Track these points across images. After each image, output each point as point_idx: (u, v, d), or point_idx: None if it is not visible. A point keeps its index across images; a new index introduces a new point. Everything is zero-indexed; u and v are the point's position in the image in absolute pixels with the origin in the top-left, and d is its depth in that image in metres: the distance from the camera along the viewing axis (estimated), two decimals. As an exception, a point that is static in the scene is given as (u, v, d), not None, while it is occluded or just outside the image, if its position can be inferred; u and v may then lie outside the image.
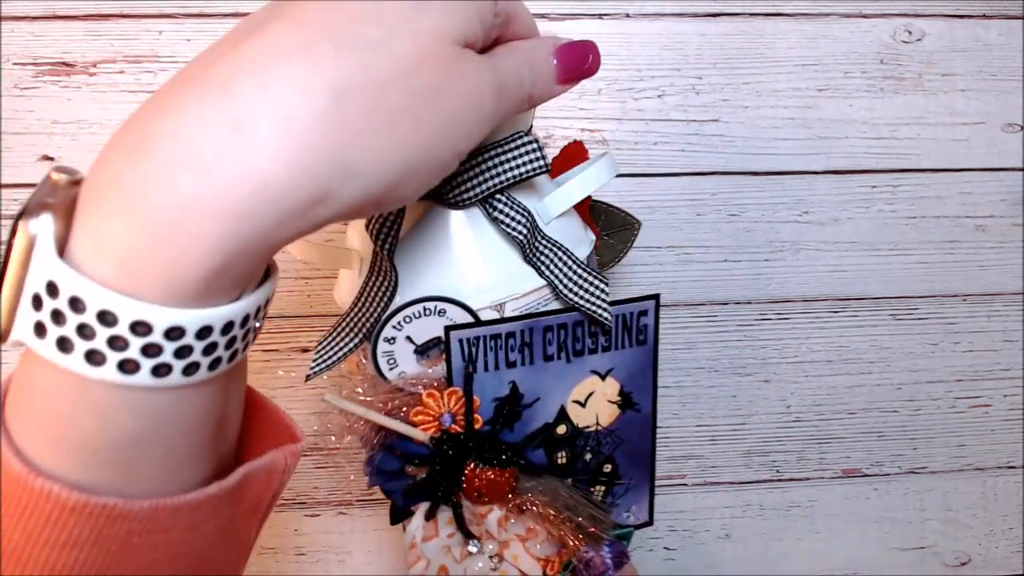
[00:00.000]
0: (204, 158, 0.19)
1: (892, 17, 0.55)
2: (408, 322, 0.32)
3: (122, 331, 0.19)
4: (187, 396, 0.22)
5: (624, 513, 0.39)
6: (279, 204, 0.20)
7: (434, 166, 0.23)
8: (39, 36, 0.50)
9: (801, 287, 0.57)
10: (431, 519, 0.34)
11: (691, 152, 0.55)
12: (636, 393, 0.37)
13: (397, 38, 0.21)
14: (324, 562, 0.58)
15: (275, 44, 0.20)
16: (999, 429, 0.61)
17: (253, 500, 0.26)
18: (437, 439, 0.33)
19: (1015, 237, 0.58)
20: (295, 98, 0.20)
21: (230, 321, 0.21)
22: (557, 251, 0.33)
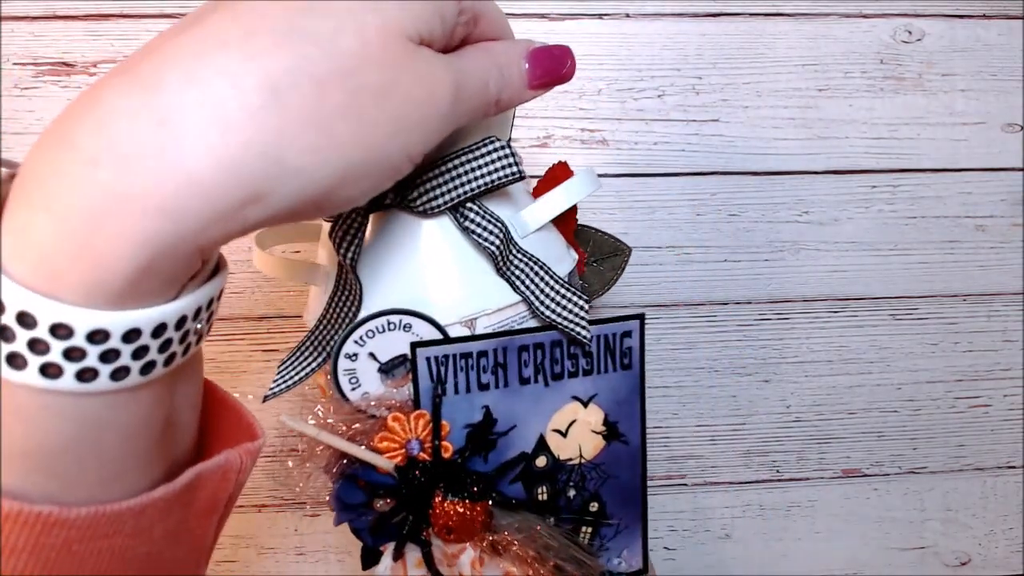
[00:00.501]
0: (125, 152, 0.18)
1: (892, 17, 0.55)
2: (371, 337, 0.30)
3: (42, 334, 0.19)
4: (120, 401, 0.21)
5: (615, 559, 0.36)
6: (207, 203, 0.19)
7: (382, 169, 0.22)
8: (39, 36, 0.50)
9: (801, 287, 0.57)
10: (399, 559, 0.31)
11: (691, 152, 0.55)
12: (622, 423, 0.34)
13: (343, 32, 0.20)
14: (324, 562, 0.58)
15: (211, 36, 0.20)
16: (999, 429, 0.61)
17: (207, 500, 0.26)
18: (402, 468, 0.30)
19: (1015, 237, 0.58)
20: (227, 92, 0.19)
21: (162, 323, 0.20)
22: (533, 265, 0.31)
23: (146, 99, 0.19)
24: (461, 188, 0.29)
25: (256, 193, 0.20)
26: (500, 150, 0.29)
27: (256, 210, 0.20)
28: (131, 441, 0.22)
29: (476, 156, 0.29)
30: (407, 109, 0.22)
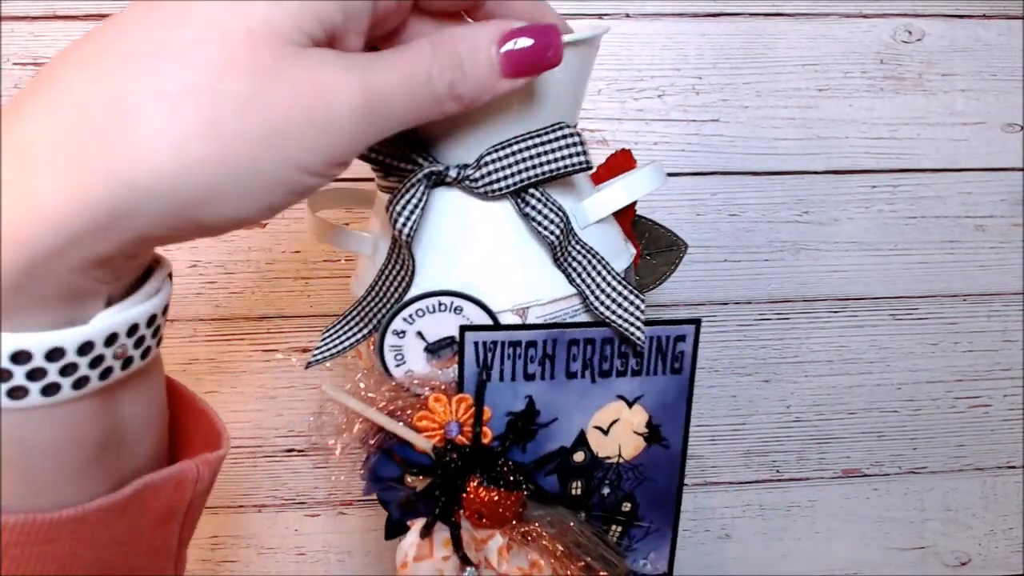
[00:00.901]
0: None
1: (892, 17, 0.55)
2: (420, 316, 0.29)
3: None
4: (33, 420, 0.21)
5: (641, 560, 0.35)
6: (63, 231, 0.19)
7: (265, 183, 0.21)
8: (39, 36, 0.50)
9: (801, 287, 0.57)
10: (426, 537, 0.31)
11: (691, 152, 0.55)
12: (666, 426, 0.33)
13: (205, 43, 0.19)
14: (324, 562, 0.58)
15: (66, 60, 0.20)
16: (999, 429, 0.61)
17: (163, 509, 0.26)
18: (440, 449, 0.30)
19: (1015, 237, 0.58)
20: (72, 116, 0.19)
21: (56, 348, 0.20)
22: (592, 258, 0.30)
23: (7, 130, 0.19)
24: (525, 173, 0.28)
25: (108, 216, 0.19)
26: (569, 137, 0.28)
27: (121, 231, 0.20)
28: (54, 457, 0.22)
29: (543, 141, 0.28)
30: (286, 120, 0.20)
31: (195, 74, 0.19)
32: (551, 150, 0.28)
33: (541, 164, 0.28)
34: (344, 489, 0.57)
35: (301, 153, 0.21)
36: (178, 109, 0.19)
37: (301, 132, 0.21)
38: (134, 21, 0.20)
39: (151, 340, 0.24)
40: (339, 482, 0.57)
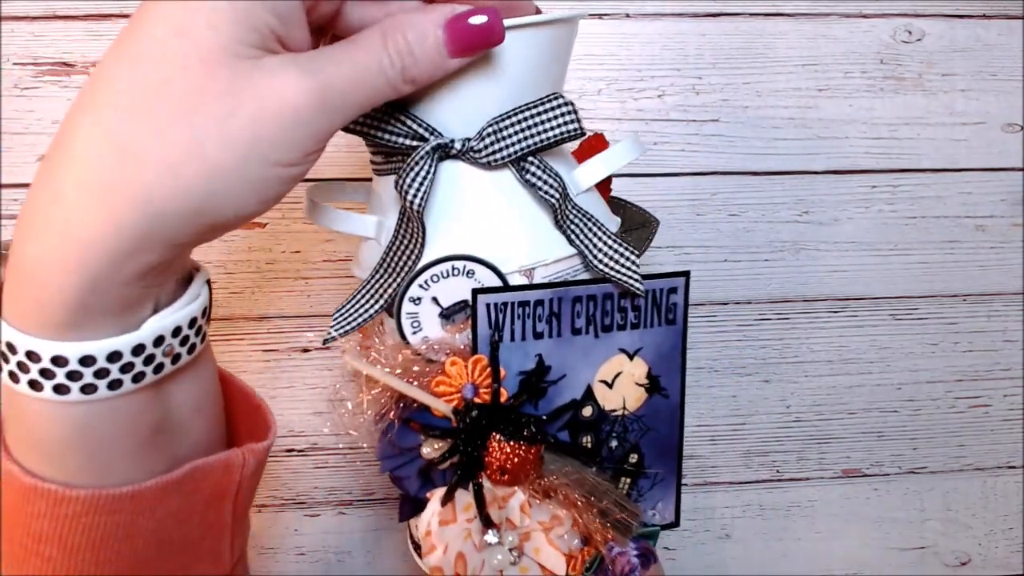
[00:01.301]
0: (37, 227, 0.24)
1: (892, 17, 0.55)
2: (435, 281, 0.31)
3: (23, 358, 0.25)
4: (98, 410, 0.26)
5: (649, 511, 0.37)
6: (109, 254, 0.23)
7: (254, 183, 0.24)
8: (39, 36, 0.50)
9: (801, 287, 0.57)
10: (447, 504, 0.32)
11: (691, 152, 0.55)
12: (664, 377, 0.35)
13: (172, 80, 0.23)
14: (324, 562, 0.58)
15: (72, 117, 0.24)
16: (999, 429, 0.61)
17: (213, 490, 0.31)
18: (460, 410, 0.31)
19: (1015, 237, 0.58)
20: (89, 165, 0.23)
21: (115, 351, 0.25)
22: (588, 220, 0.32)
23: (44, 181, 0.24)
24: (525, 142, 0.30)
25: (142, 234, 0.23)
26: (563, 106, 0.30)
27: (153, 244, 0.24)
28: (116, 442, 0.27)
29: (540, 111, 0.30)
30: (255, 128, 0.23)
31: (172, 108, 0.23)
32: (547, 119, 0.30)
33: (539, 132, 0.30)
34: (344, 489, 0.57)
35: (276, 152, 0.24)
36: (167, 140, 0.23)
37: (272, 135, 0.24)
38: (116, 64, 0.24)
39: (195, 338, 0.29)
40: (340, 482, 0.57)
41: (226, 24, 0.23)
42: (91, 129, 0.23)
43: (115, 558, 0.28)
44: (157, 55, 0.23)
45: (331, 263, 0.54)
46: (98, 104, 0.23)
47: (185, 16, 0.23)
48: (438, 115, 0.30)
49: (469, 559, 0.32)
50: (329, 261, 0.54)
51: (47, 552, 0.28)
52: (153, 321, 0.26)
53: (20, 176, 0.51)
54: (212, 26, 0.23)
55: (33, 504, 0.27)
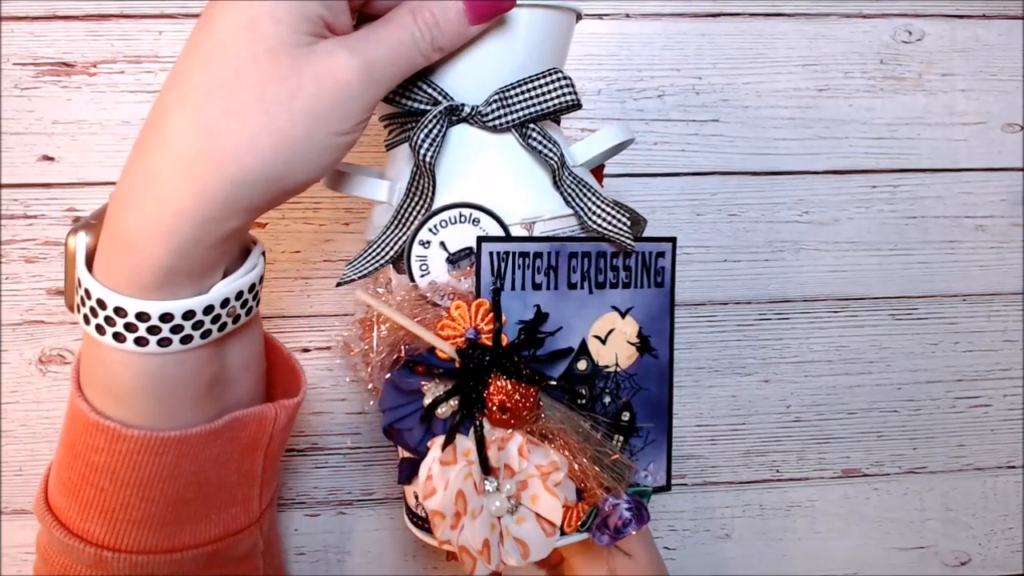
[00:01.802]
0: (137, 202, 0.28)
1: (892, 17, 0.55)
2: (444, 227, 0.33)
3: (110, 313, 0.29)
4: (169, 361, 0.31)
5: (642, 471, 0.38)
6: (197, 222, 0.28)
7: (319, 150, 0.29)
8: (39, 36, 0.50)
9: (801, 287, 0.57)
10: (448, 447, 0.33)
11: (691, 152, 0.55)
12: (654, 337, 0.37)
13: (243, 70, 0.27)
14: (324, 562, 0.58)
15: (162, 104, 0.28)
16: (999, 429, 0.61)
17: (249, 439, 0.36)
18: (463, 350, 0.33)
19: (1015, 237, 0.58)
20: (180, 145, 0.27)
21: (189, 310, 0.30)
22: (583, 185, 0.34)
23: (138, 161, 0.29)
24: (528, 109, 0.33)
25: (227, 202, 0.28)
26: (562, 79, 0.33)
27: (236, 210, 0.28)
28: (180, 389, 0.32)
29: (542, 83, 0.33)
30: (316, 104, 0.28)
31: (247, 93, 0.27)
32: (548, 90, 0.33)
33: (541, 102, 0.33)
34: (344, 489, 0.57)
35: (333, 123, 0.28)
36: (245, 120, 0.27)
37: (330, 108, 0.28)
38: (194, 59, 0.28)
39: (252, 302, 0.34)
40: (340, 482, 0.57)
41: (286, 17, 0.27)
42: (178, 116, 0.27)
43: (159, 495, 0.33)
44: (229, 49, 0.27)
45: (331, 263, 0.54)
46: (183, 95, 0.27)
47: (251, 12, 0.27)
48: (452, 83, 0.33)
49: (469, 499, 0.33)
50: (329, 261, 0.54)
51: (101, 483, 0.32)
52: (221, 285, 0.31)
53: (20, 176, 0.51)
54: (275, 20, 0.27)
55: (94, 438, 0.31)
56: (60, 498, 0.34)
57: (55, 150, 0.51)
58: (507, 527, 0.33)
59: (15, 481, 0.54)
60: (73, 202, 0.52)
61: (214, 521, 0.36)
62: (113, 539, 0.33)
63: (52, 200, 0.51)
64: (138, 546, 0.33)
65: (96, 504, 0.32)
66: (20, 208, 0.51)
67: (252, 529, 0.38)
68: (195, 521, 0.35)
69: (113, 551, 0.33)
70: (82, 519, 0.33)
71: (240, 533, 0.38)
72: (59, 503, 0.34)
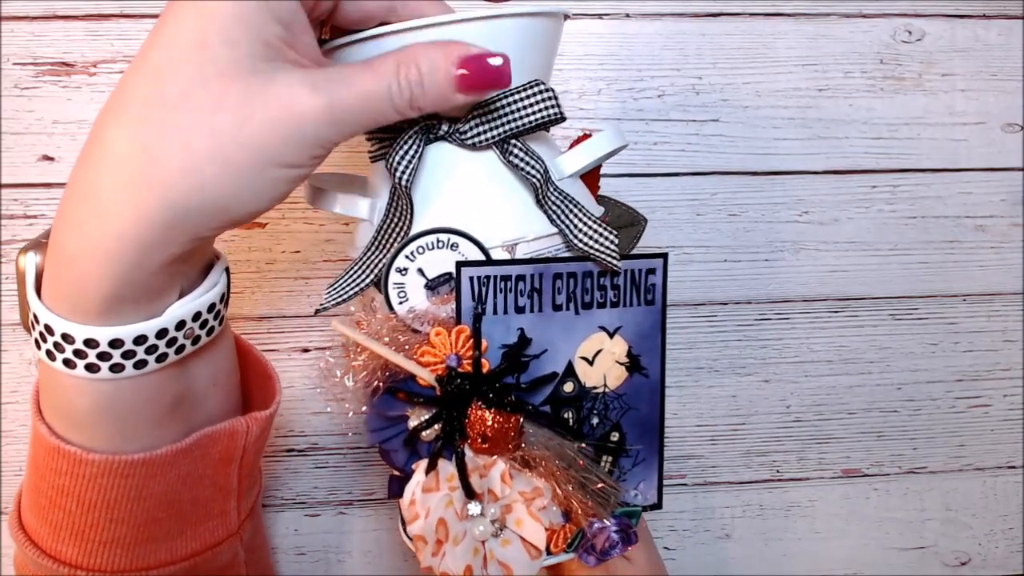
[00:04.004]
0: (77, 221, 0.27)
1: (892, 17, 0.55)
2: (421, 253, 0.32)
3: (59, 339, 0.28)
4: (124, 386, 0.29)
5: (631, 491, 0.37)
6: (138, 246, 0.26)
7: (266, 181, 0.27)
8: (39, 36, 0.50)
9: (801, 287, 0.57)
10: (431, 472, 0.33)
11: (691, 152, 0.55)
12: (644, 356, 0.36)
13: (192, 92, 0.25)
14: (324, 562, 0.58)
15: (103, 120, 0.26)
16: (999, 429, 0.61)
17: (220, 454, 0.34)
18: (443, 377, 0.32)
19: (1015, 237, 0.58)
20: (118, 165, 0.26)
21: (141, 335, 0.28)
22: (569, 202, 0.33)
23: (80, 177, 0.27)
24: (509, 124, 0.31)
25: (168, 227, 0.26)
26: (544, 92, 0.31)
27: (177, 236, 0.27)
28: (139, 412, 0.30)
29: (522, 97, 0.31)
30: (267, 137, 0.26)
31: (193, 116, 0.25)
32: (529, 104, 0.31)
33: (522, 116, 0.31)
34: (344, 489, 0.57)
35: (284, 156, 0.27)
36: (190, 145, 0.25)
37: (282, 140, 0.26)
38: (140, 74, 0.26)
39: (213, 321, 0.32)
40: (340, 482, 0.57)
41: (241, 38, 0.25)
42: (120, 134, 0.26)
43: (127, 516, 0.32)
44: (179, 68, 0.25)
45: (331, 263, 0.54)
46: (126, 112, 0.26)
47: (204, 31, 0.25)
48: None
49: (451, 526, 0.32)
50: (329, 261, 0.54)
51: (67, 505, 0.31)
52: (175, 307, 0.29)
53: (20, 176, 0.51)
54: (229, 42, 0.25)
55: (57, 462, 0.30)
56: (32, 518, 0.33)
57: (55, 150, 0.51)
58: (492, 550, 0.33)
59: (15, 481, 0.54)
60: (73, 202, 0.52)
61: (190, 536, 0.35)
62: (86, 559, 0.32)
63: (52, 200, 0.51)
64: (112, 566, 0.33)
65: (66, 526, 0.32)
66: (20, 208, 0.51)
67: (231, 541, 0.38)
68: (170, 538, 0.34)
69: (87, 571, 0.32)
70: (54, 540, 0.32)
71: (219, 546, 0.37)
72: (31, 523, 0.33)
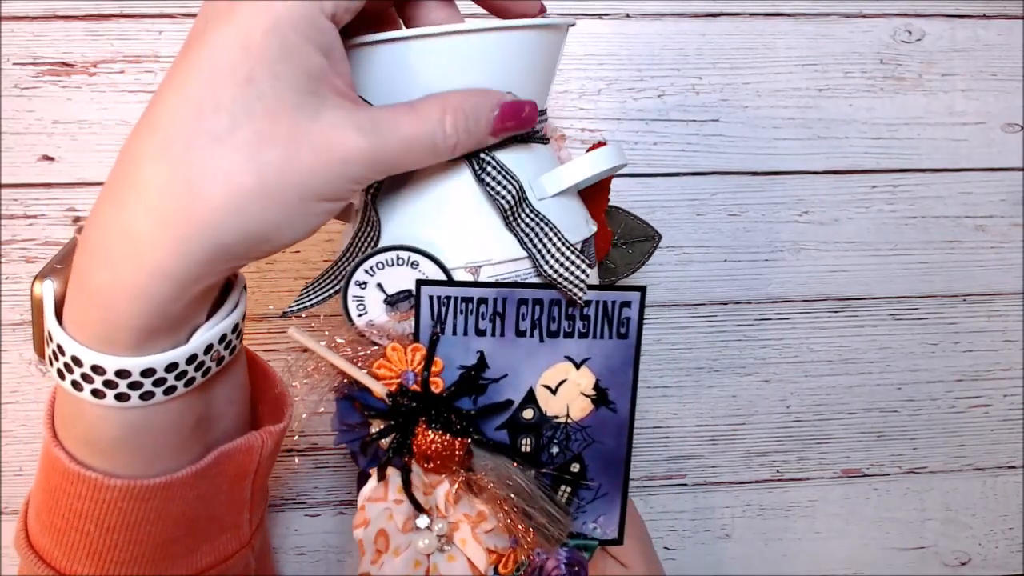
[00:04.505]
0: (109, 257, 0.26)
1: (892, 17, 0.55)
2: (380, 269, 0.32)
3: (87, 371, 0.27)
4: (151, 413, 0.29)
5: (590, 523, 0.37)
6: (176, 282, 0.26)
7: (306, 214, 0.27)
8: (39, 36, 0.50)
9: (801, 287, 0.57)
10: (382, 480, 0.33)
11: (691, 152, 0.55)
12: (613, 391, 0.35)
13: (238, 128, 0.25)
14: (324, 562, 0.58)
15: (139, 153, 0.25)
16: (999, 429, 0.61)
17: (236, 470, 0.34)
18: (393, 394, 0.32)
19: (1015, 237, 0.58)
20: (160, 201, 0.25)
21: (172, 363, 0.28)
22: (543, 226, 0.32)
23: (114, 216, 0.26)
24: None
25: (209, 264, 0.26)
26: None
27: (216, 269, 0.27)
28: (164, 437, 0.30)
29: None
30: (312, 177, 0.26)
31: (239, 153, 0.25)
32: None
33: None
34: (344, 489, 0.57)
35: (327, 192, 0.27)
36: (234, 181, 0.25)
37: (324, 178, 0.26)
38: (180, 109, 0.25)
39: (236, 341, 0.32)
40: (340, 482, 0.57)
41: (286, 73, 0.25)
42: (159, 168, 0.25)
43: (146, 537, 0.32)
44: (224, 103, 0.24)
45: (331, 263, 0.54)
46: (165, 145, 0.25)
47: (249, 66, 0.24)
48: None
49: (392, 538, 0.32)
50: (329, 261, 0.54)
51: (86, 528, 0.31)
52: (203, 332, 0.29)
53: (20, 176, 0.51)
54: (275, 78, 0.25)
55: (76, 487, 0.30)
56: (43, 538, 0.33)
57: (55, 150, 0.51)
58: (436, 564, 0.32)
59: (15, 481, 0.54)
60: (73, 202, 0.52)
61: (205, 551, 0.35)
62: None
63: (52, 200, 0.51)
64: None
65: (82, 547, 0.31)
66: (20, 208, 0.51)
67: (244, 551, 0.38)
68: (185, 555, 0.34)
69: None
70: (69, 560, 0.32)
71: (232, 558, 0.37)
72: (42, 543, 0.33)
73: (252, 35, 0.24)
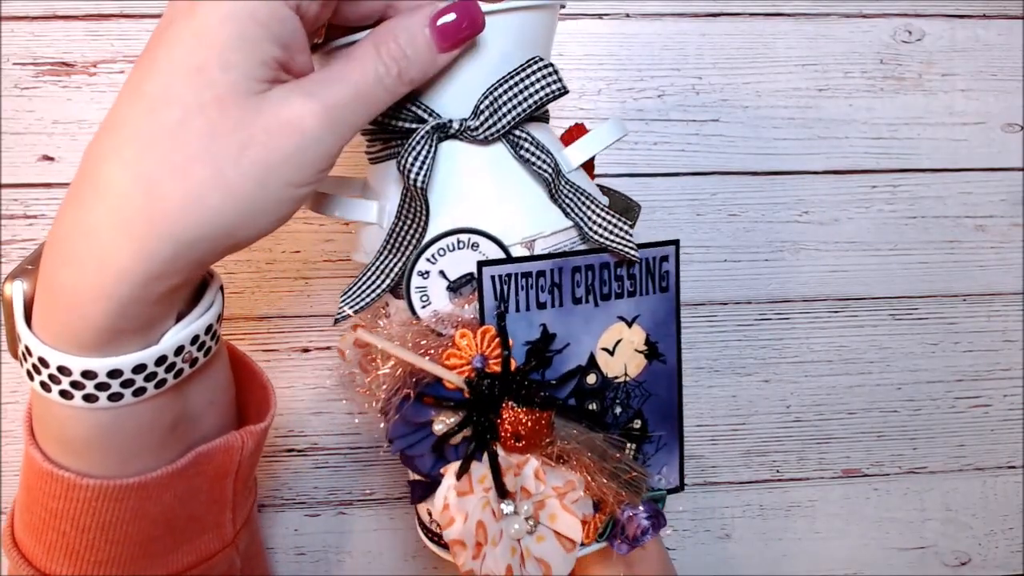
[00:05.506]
0: (74, 257, 0.26)
1: (892, 17, 0.55)
2: (442, 255, 0.32)
3: (54, 371, 0.27)
4: (123, 413, 0.29)
5: (656, 475, 0.38)
6: (139, 281, 0.25)
7: (272, 203, 0.27)
8: (39, 36, 0.50)
9: (801, 287, 0.57)
10: (463, 476, 0.32)
11: (691, 152, 0.55)
12: (661, 343, 0.36)
13: (188, 119, 0.24)
14: (324, 562, 0.58)
15: (98, 153, 0.26)
16: (999, 429, 0.61)
17: (215, 470, 0.34)
18: (472, 381, 0.32)
19: (1015, 237, 0.58)
20: (118, 201, 0.25)
21: (140, 364, 0.28)
22: (581, 194, 0.33)
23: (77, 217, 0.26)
24: (516, 109, 0.31)
25: (170, 261, 0.26)
26: (545, 67, 0.31)
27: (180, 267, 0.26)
28: (138, 438, 0.30)
29: (524, 76, 0.31)
30: (269, 156, 0.25)
31: (192, 145, 0.25)
32: (532, 82, 0.31)
33: (528, 96, 0.31)
34: (344, 489, 0.57)
35: (290, 174, 0.26)
36: (190, 175, 0.25)
37: (285, 159, 0.26)
38: (134, 106, 0.25)
39: (211, 342, 0.31)
40: (340, 482, 0.57)
41: (238, 63, 0.25)
42: (116, 168, 0.25)
43: (123, 536, 0.31)
44: (173, 96, 0.24)
45: (331, 263, 0.54)
46: (121, 144, 0.25)
47: (199, 57, 0.24)
48: (435, 98, 0.32)
49: (489, 528, 0.32)
50: (329, 261, 0.54)
51: (62, 527, 0.31)
52: (173, 333, 0.29)
53: (20, 176, 0.51)
54: (225, 66, 0.24)
55: (51, 486, 0.30)
56: (25, 536, 0.33)
57: (55, 150, 0.51)
58: (527, 548, 0.32)
59: (15, 481, 0.54)
60: (73, 202, 0.52)
61: (185, 551, 0.35)
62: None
63: (52, 200, 0.52)
64: None
65: (60, 546, 0.31)
66: (20, 208, 0.51)
67: (227, 551, 0.38)
68: (165, 554, 0.34)
69: None
70: (48, 559, 0.32)
71: (214, 558, 0.37)
72: (24, 541, 0.33)
73: (208, 24, 0.24)
